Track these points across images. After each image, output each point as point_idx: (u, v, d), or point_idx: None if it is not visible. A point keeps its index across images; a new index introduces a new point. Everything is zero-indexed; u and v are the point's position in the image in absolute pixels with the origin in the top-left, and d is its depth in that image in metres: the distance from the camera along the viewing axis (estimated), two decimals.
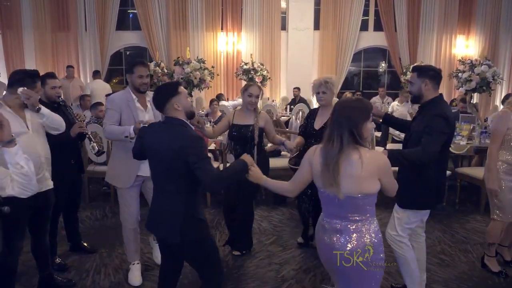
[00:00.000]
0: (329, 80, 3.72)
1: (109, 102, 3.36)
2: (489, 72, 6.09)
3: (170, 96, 2.40)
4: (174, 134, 2.36)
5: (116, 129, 3.20)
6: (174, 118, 2.41)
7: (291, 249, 4.15)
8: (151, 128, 2.54)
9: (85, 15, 10.93)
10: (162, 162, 2.37)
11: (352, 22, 11.26)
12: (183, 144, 2.29)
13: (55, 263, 3.65)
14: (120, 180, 3.38)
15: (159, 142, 2.38)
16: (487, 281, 3.57)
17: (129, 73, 3.27)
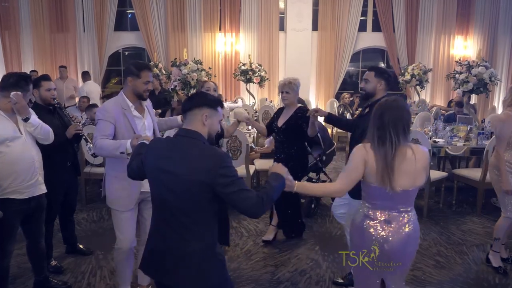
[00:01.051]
0: (293, 81, 3.93)
1: (101, 112, 2.81)
2: (486, 74, 6.07)
3: (204, 105, 2.03)
4: (193, 151, 1.93)
5: (109, 144, 2.69)
6: (192, 131, 1.99)
7: (287, 251, 4.15)
8: (158, 143, 2.10)
9: (83, 15, 10.93)
10: (175, 188, 1.91)
11: (351, 22, 11.26)
12: (208, 163, 1.87)
13: (51, 266, 3.66)
14: (121, 203, 2.93)
15: (172, 163, 1.92)
16: (483, 283, 3.57)
17: (133, 76, 2.80)
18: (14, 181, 2.85)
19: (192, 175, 1.87)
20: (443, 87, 11.35)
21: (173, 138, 2.05)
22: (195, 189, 1.88)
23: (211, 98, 2.10)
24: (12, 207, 2.86)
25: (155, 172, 1.99)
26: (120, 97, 2.88)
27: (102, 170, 5.21)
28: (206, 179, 1.86)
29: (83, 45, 11.02)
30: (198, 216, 1.93)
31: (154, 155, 2.01)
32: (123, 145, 2.64)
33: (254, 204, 1.88)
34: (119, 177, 2.80)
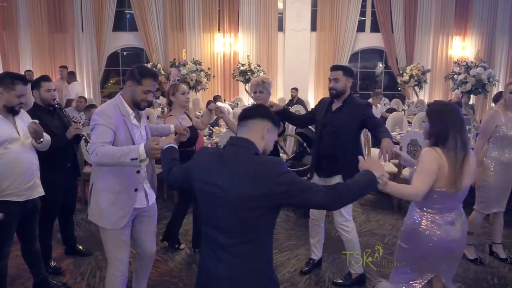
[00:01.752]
0: (266, 81, 3.87)
1: (100, 116, 2.47)
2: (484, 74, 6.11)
3: (269, 118, 1.90)
4: (245, 162, 1.76)
5: (115, 150, 2.35)
6: (247, 140, 1.83)
7: (287, 252, 4.15)
8: (206, 154, 1.89)
9: (81, 16, 10.94)
10: (227, 204, 1.74)
11: (349, 23, 11.29)
12: (262, 174, 1.72)
13: (50, 267, 3.64)
14: (110, 219, 2.58)
15: (222, 176, 1.76)
16: (482, 283, 3.58)
17: (134, 81, 2.54)
18: (13, 183, 2.83)
19: (245, 189, 1.71)
20: (441, 88, 11.39)
21: (222, 148, 1.88)
22: (247, 203, 1.72)
23: (274, 115, 1.97)
24: (9, 210, 2.85)
25: (204, 186, 1.82)
26: (119, 101, 2.58)
27: None
28: (262, 192, 1.71)
29: (81, 45, 11.02)
30: (254, 232, 1.78)
31: (202, 167, 1.84)
32: (134, 151, 2.29)
33: (323, 201, 1.77)
34: (111, 190, 2.56)
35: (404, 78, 10.13)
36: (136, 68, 2.59)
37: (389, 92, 11.84)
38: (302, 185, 1.75)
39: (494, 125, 3.66)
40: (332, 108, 3.45)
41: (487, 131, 3.70)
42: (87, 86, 11.17)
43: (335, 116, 3.38)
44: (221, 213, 1.77)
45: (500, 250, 3.96)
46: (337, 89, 3.37)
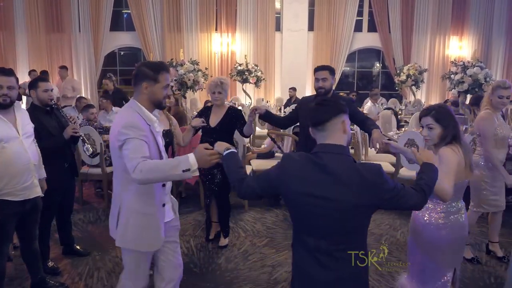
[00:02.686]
0: (224, 81, 3.97)
1: (128, 128, 2.19)
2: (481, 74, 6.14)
3: (341, 111, 1.82)
4: (345, 171, 1.74)
5: (162, 164, 2.14)
6: (336, 145, 1.79)
7: (284, 251, 4.16)
8: (297, 164, 1.81)
9: (78, 16, 10.90)
10: (333, 214, 1.73)
11: (346, 23, 11.31)
12: (367, 182, 1.72)
13: (48, 267, 3.64)
14: (145, 242, 2.36)
15: (324, 187, 1.73)
16: (478, 282, 3.60)
17: (148, 81, 2.28)
18: (9, 182, 2.82)
19: (352, 198, 1.71)
20: (438, 87, 11.43)
21: (314, 157, 1.79)
22: (355, 212, 1.73)
23: (341, 102, 1.88)
24: (7, 209, 2.84)
25: (302, 197, 1.76)
26: (138, 108, 2.31)
27: (98, 171, 5.25)
28: (371, 201, 1.74)
29: (78, 45, 10.99)
30: (354, 238, 1.81)
31: (298, 178, 1.78)
32: (185, 162, 2.07)
33: (417, 203, 1.83)
34: (142, 210, 2.33)
35: (401, 77, 10.16)
36: (144, 66, 2.33)
37: (386, 92, 11.86)
38: (401, 191, 1.78)
39: (494, 128, 3.63)
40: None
41: (490, 134, 3.64)
42: (84, 86, 11.14)
43: None
44: (323, 222, 1.75)
45: (497, 249, 3.99)
46: (326, 88, 3.58)
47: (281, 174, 1.83)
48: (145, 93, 2.30)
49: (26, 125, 2.98)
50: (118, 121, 2.29)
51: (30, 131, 3.00)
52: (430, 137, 2.48)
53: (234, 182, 1.98)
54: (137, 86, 2.32)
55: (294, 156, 1.86)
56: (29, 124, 3.03)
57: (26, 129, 2.96)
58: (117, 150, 2.24)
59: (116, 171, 2.38)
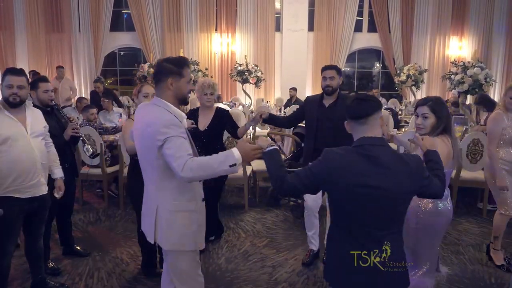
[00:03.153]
0: (215, 82, 3.99)
1: (168, 127, 2.11)
2: (481, 74, 6.12)
3: (380, 107, 1.95)
4: (395, 162, 1.87)
5: (209, 160, 2.08)
6: (379, 138, 1.91)
7: (285, 252, 4.16)
8: (345, 157, 1.88)
9: (78, 16, 10.92)
10: (383, 203, 1.85)
11: (346, 23, 11.32)
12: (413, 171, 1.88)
13: (48, 268, 3.64)
14: (192, 240, 2.30)
15: (378, 178, 1.83)
16: (479, 282, 3.60)
17: (173, 76, 2.21)
18: (16, 180, 2.85)
19: (403, 187, 1.86)
20: (438, 88, 11.44)
21: (360, 150, 1.88)
22: (402, 199, 1.89)
23: (377, 99, 2.00)
24: (13, 206, 2.87)
25: (357, 190, 1.84)
26: (166, 105, 2.23)
27: (99, 171, 5.24)
28: (414, 188, 1.90)
29: (78, 45, 11.00)
30: (397, 225, 1.95)
31: (348, 171, 1.85)
32: (231, 157, 2.05)
33: (441, 187, 2.00)
34: (185, 208, 2.26)
35: (401, 78, 10.15)
36: (166, 62, 2.25)
37: (386, 92, 11.88)
38: (430, 178, 1.96)
39: (501, 128, 3.66)
40: (325, 104, 3.71)
41: (495, 134, 3.69)
42: (84, 86, 11.15)
43: (332, 111, 3.65)
44: (375, 211, 1.85)
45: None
46: (333, 86, 3.65)
47: (327, 169, 1.89)
48: (171, 89, 2.23)
49: (37, 125, 3.01)
50: (150, 121, 2.17)
51: (39, 131, 3.03)
52: (424, 125, 2.60)
53: (276, 179, 1.99)
54: (160, 83, 2.24)
55: (337, 151, 1.92)
56: (40, 124, 3.07)
57: (36, 128, 2.99)
58: (152, 150, 2.14)
59: (150, 173, 2.26)
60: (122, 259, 3.95)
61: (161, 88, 2.24)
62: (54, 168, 3.25)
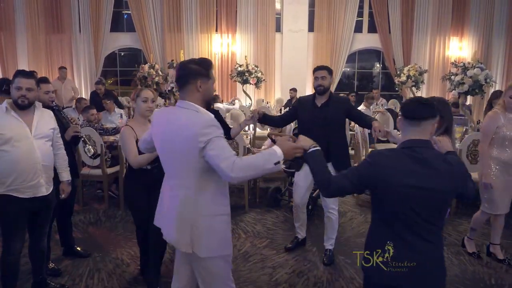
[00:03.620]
0: None
1: (211, 127, 2.04)
2: (481, 75, 6.12)
3: (436, 114, 2.01)
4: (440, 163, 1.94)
5: (255, 159, 2.02)
6: (425, 140, 1.98)
7: (285, 253, 4.16)
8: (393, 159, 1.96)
9: (79, 16, 10.92)
10: (429, 203, 1.93)
11: (346, 24, 11.31)
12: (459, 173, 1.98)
13: (49, 268, 3.64)
14: (229, 243, 2.28)
15: (424, 178, 1.91)
16: (479, 283, 3.60)
17: (202, 78, 2.16)
18: (16, 179, 2.88)
19: (450, 187, 1.94)
20: (438, 88, 11.43)
21: (410, 151, 1.94)
22: (447, 200, 1.98)
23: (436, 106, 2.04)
24: (14, 204, 2.90)
25: (405, 190, 1.90)
26: (196, 108, 2.15)
27: (99, 172, 5.25)
28: (458, 189, 1.98)
29: (79, 46, 11.00)
30: (440, 222, 2.01)
31: (398, 172, 1.92)
32: (275, 155, 2.00)
33: (474, 188, 2.12)
34: (223, 211, 2.23)
35: (401, 78, 10.14)
36: (193, 64, 2.18)
37: (386, 93, 11.88)
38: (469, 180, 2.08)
39: (495, 126, 3.72)
40: (318, 104, 3.83)
41: (489, 132, 3.76)
42: (84, 87, 11.15)
43: (324, 110, 3.78)
44: (421, 211, 1.91)
45: (498, 251, 3.99)
46: (325, 86, 3.76)
47: (377, 169, 1.94)
48: (200, 91, 2.16)
49: (43, 126, 3.02)
50: (186, 124, 2.08)
51: (45, 133, 3.04)
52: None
53: (322, 181, 2.02)
54: (188, 86, 2.16)
55: (385, 153, 2.00)
56: (47, 125, 3.07)
57: (41, 130, 3.00)
58: (191, 154, 2.05)
59: (186, 178, 2.13)
60: (123, 260, 3.95)
61: (188, 90, 2.16)
62: (62, 171, 3.30)
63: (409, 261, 1.95)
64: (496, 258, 3.97)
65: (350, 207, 5.47)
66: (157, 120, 2.29)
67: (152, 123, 2.36)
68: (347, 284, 3.58)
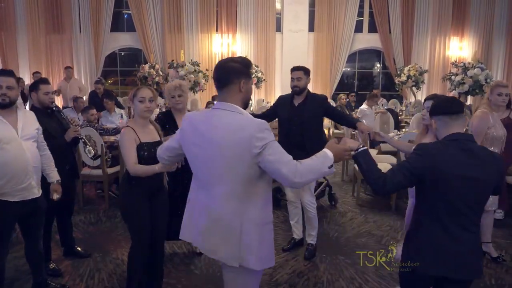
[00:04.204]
0: (183, 83, 3.74)
1: (267, 131, 1.94)
2: (482, 75, 6.14)
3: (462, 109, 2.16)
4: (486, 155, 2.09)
5: (312, 162, 1.93)
6: (470, 134, 2.15)
7: (285, 253, 4.15)
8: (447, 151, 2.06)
9: (79, 16, 10.93)
10: (483, 192, 2.09)
11: (347, 23, 11.31)
12: (498, 165, 2.10)
13: (49, 269, 3.64)
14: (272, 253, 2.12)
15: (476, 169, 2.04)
16: (479, 283, 3.59)
17: (245, 77, 2.06)
18: (7, 183, 2.82)
19: (492, 177, 2.07)
20: (438, 88, 11.42)
21: (458, 144, 2.06)
22: (490, 189, 2.11)
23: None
24: (4, 209, 2.85)
25: (457, 180, 2.02)
26: (240, 110, 2.03)
27: (99, 172, 5.25)
28: (497, 181, 2.12)
29: (79, 46, 11.01)
30: (480, 212, 2.14)
31: (450, 163, 2.03)
32: (327, 157, 1.94)
33: None
34: (270, 220, 2.09)
35: (401, 78, 10.16)
36: (234, 62, 2.07)
37: (386, 93, 11.88)
38: None
39: (487, 127, 3.72)
40: (295, 103, 3.93)
41: (481, 133, 3.75)
42: None
43: (301, 109, 3.88)
44: (469, 200, 2.05)
45: (491, 249, 3.95)
46: (300, 86, 3.85)
47: (429, 159, 2.04)
48: (242, 91, 2.04)
49: (28, 127, 2.97)
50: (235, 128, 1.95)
51: (31, 133, 2.98)
52: (427, 117, 2.84)
53: (376, 180, 2.06)
54: (231, 86, 2.02)
55: (433, 145, 2.12)
56: (32, 126, 3.02)
57: (27, 131, 2.95)
58: (243, 159, 1.93)
59: (236, 184, 1.97)
60: (123, 260, 3.95)
61: (231, 91, 2.03)
62: (50, 172, 3.19)
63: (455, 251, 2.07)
64: (490, 257, 3.93)
65: (350, 207, 5.48)
66: (195, 125, 2.06)
67: (184, 129, 2.11)
68: (347, 284, 3.58)
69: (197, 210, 2.12)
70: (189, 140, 2.08)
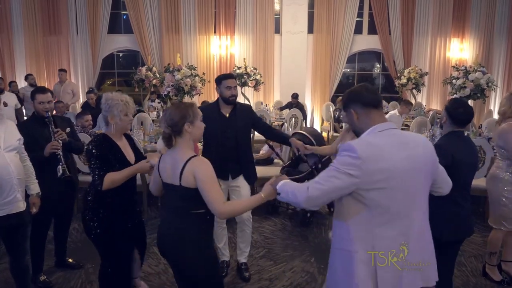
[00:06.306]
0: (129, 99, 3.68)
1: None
2: (483, 79, 6.04)
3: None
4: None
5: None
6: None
7: (282, 263, 4.07)
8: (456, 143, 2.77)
9: (76, 18, 10.82)
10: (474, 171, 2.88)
11: (346, 25, 11.20)
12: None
13: (40, 281, 3.56)
14: None
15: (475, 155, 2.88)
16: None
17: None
18: None
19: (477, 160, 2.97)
20: (439, 90, 11.32)
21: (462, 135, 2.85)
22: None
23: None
24: None
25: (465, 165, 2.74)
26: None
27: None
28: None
29: (76, 47, 10.91)
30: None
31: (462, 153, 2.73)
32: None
33: None
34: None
35: (402, 81, 10.06)
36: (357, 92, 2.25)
37: (387, 95, 11.77)
38: None
39: None
40: (225, 114, 3.60)
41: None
42: (82, 89, 11.04)
43: (233, 120, 3.58)
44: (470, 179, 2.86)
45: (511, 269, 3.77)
46: (236, 95, 3.60)
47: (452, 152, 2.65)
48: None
49: (10, 139, 2.87)
50: (423, 144, 1.99)
51: (14, 145, 2.89)
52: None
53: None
54: (356, 110, 2.11)
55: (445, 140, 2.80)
56: (14, 137, 2.92)
57: (10, 142, 2.85)
58: (431, 172, 2.00)
59: (426, 202, 2.03)
60: None
61: (364, 115, 2.09)
62: (30, 183, 3.09)
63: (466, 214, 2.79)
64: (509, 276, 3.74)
65: None
66: (383, 150, 1.86)
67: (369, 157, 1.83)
68: None
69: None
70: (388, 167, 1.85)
